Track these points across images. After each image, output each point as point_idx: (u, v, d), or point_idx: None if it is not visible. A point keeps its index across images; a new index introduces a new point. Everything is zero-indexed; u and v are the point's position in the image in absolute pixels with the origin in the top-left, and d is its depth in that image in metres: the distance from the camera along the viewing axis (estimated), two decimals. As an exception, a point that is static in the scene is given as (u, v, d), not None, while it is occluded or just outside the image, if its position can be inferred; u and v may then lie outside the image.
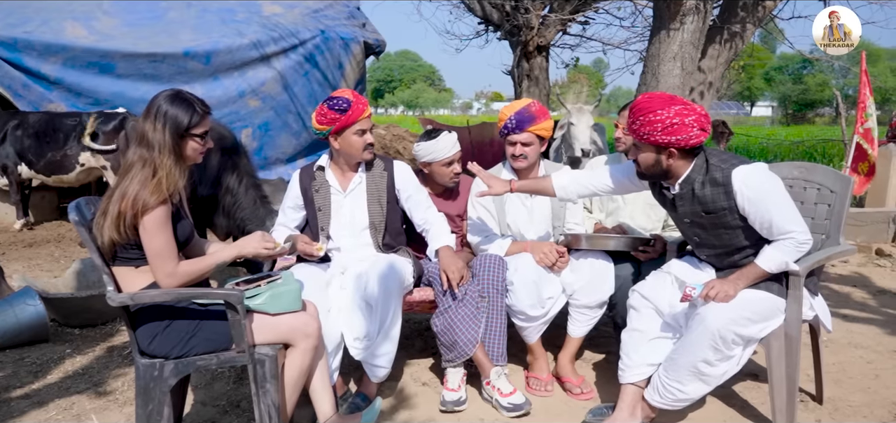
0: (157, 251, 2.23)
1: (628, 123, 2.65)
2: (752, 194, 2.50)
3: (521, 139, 3.24)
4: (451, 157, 3.32)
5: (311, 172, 3.16)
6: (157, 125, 2.25)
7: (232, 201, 4.40)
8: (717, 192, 2.56)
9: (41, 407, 2.99)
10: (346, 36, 8.82)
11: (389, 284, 2.86)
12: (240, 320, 2.28)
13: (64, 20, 7.67)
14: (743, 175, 2.51)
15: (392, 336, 2.90)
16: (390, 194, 3.14)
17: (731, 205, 2.55)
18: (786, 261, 2.55)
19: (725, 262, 2.74)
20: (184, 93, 2.35)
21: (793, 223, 2.52)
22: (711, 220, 2.63)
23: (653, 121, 2.51)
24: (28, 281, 4.08)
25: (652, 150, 2.59)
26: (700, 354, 2.55)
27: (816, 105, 50.43)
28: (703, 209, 2.62)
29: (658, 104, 2.53)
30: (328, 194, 3.11)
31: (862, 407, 3.06)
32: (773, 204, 2.51)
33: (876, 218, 6.80)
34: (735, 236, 2.64)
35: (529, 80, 9.14)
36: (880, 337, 4.02)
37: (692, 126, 2.49)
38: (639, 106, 2.59)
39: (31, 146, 6.72)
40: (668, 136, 2.50)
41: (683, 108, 2.52)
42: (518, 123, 3.22)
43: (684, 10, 4.82)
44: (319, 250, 2.91)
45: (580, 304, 3.15)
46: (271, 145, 8.49)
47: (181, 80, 7.72)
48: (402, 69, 78.26)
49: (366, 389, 2.98)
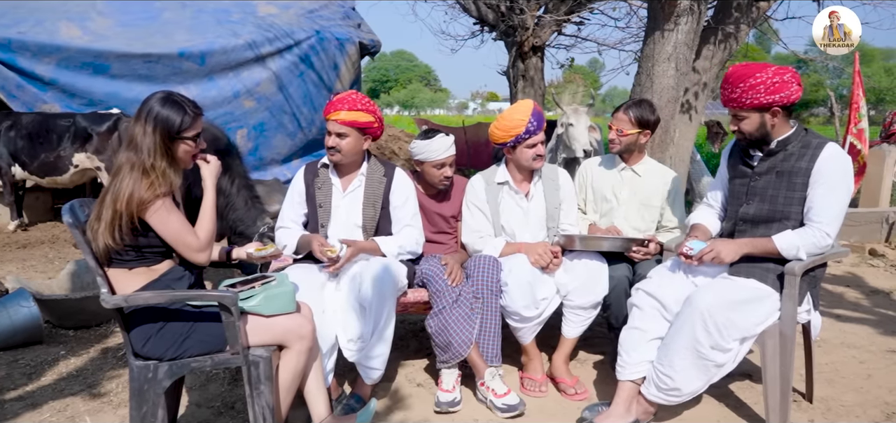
0: (176, 234, 2.27)
1: (726, 96, 2.73)
2: (829, 170, 2.61)
3: (541, 138, 3.26)
4: (443, 159, 3.30)
5: (316, 168, 3.21)
6: (147, 128, 2.26)
7: (224, 203, 4.40)
8: (805, 153, 2.67)
9: (35, 409, 2.98)
10: (342, 36, 8.81)
11: (384, 286, 2.86)
12: (234, 322, 2.28)
13: (58, 20, 7.64)
14: (834, 151, 2.65)
15: (386, 338, 2.91)
16: (386, 200, 3.16)
17: (809, 167, 2.64)
18: (799, 246, 2.62)
19: (757, 232, 2.78)
20: (175, 95, 2.35)
21: (830, 218, 2.63)
22: (781, 180, 2.71)
23: (755, 85, 2.62)
24: (22, 282, 4.07)
25: (756, 113, 2.68)
26: (691, 334, 2.58)
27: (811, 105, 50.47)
28: (783, 167, 2.71)
29: (756, 69, 2.66)
30: (330, 193, 3.15)
31: (854, 407, 3.08)
32: (834, 191, 2.62)
33: (869, 218, 6.83)
34: (789, 204, 2.71)
35: (525, 80, 9.14)
36: (873, 337, 4.04)
37: (791, 82, 2.62)
38: (736, 75, 2.68)
39: (24, 147, 6.69)
40: (773, 94, 2.61)
41: (779, 68, 2.65)
42: (538, 123, 3.22)
43: (678, 11, 4.83)
44: (333, 251, 2.89)
45: (574, 305, 3.15)
46: (266, 146, 8.47)
47: (176, 80, 7.70)
48: (398, 69, 78.15)
49: (360, 390, 2.99)
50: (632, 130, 3.37)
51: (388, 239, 3.11)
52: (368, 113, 3.05)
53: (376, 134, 3.16)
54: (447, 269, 3.08)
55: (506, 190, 3.38)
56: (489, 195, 3.37)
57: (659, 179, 3.49)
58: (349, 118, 3.01)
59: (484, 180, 3.42)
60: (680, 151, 5.50)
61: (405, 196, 3.20)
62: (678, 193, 3.49)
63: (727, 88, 2.71)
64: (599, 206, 3.57)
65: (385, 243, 3.08)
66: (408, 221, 3.18)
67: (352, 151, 3.08)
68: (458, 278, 3.07)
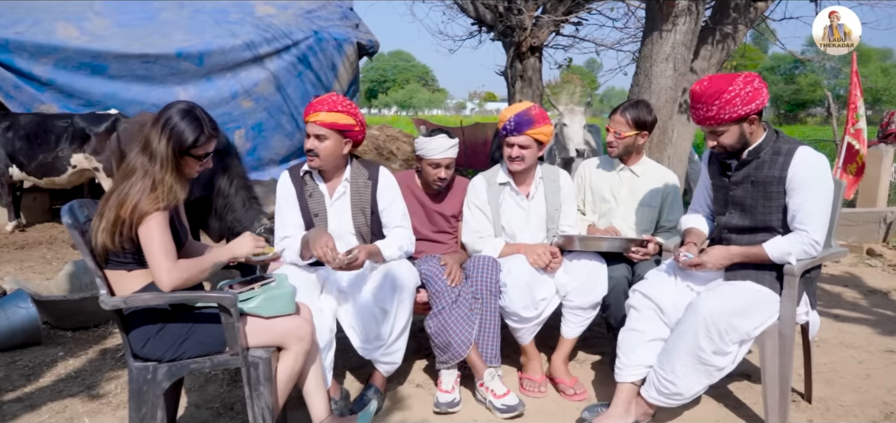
0: (156, 252, 2.22)
1: (702, 114, 2.69)
2: (804, 174, 2.60)
3: (519, 142, 3.22)
4: (438, 159, 3.27)
5: (299, 175, 3.09)
6: (162, 137, 2.24)
7: (223, 203, 4.39)
8: (776, 161, 2.66)
9: (34, 411, 2.98)
10: (340, 37, 8.81)
11: (403, 291, 2.92)
12: (233, 324, 2.28)
13: (55, 21, 7.63)
14: (805, 154, 2.63)
15: (405, 333, 3.00)
16: (374, 204, 3.11)
17: (783, 175, 2.63)
18: (789, 252, 2.61)
19: (744, 240, 2.78)
20: (197, 110, 2.33)
21: (816, 223, 2.61)
22: (757, 189, 2.71)
23: (731, 98, 2.60)
24: (20, 283, 4.06)
25: (735, 125, 2.66)
26: (693, 341, 2.58)
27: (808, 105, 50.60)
28: (757, 176, 2.70)
29: (725, 82, 2.63)
30: (322, 201, 3.07)
31: (853, 407, 3.08)
32: (814, 195, 2.60)
33: (867, 218, 6.84)
34: (768, 213, 2.71)
35: (523, 80, 9.14)
36: (871, 337, 4.05)
37: (761, 89, 2.63)
38: (707, 93, 2.64)
39: (22, 148, 6.69)
40: (749, 104, 2.60)
41: (746, 77, 2.64)
42: (517, 125, 3.19)
43: (676, 11, 4.84)
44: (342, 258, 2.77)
45: (574, 305, 3.16)
46: (264, 146, 8.47)
47: (174, 81, 7.71)
48: (396, 69, 78.12)
49: (376, 381, 3.06)
50: (629, 131, 3.37)
51: (387, 243, 3.07)
52: (349, 115, 2.94)
53: (357, 138, 3.04)
54: (446, 269, 3.08)
55: (507, 191, 3.38)
56: (490, 196, 3.37)
57: (657, 180, 3.49)
58: (329, 120, 2.90)
59: (485, 181, 3.41)
60: (678, 151, 5.51)
61: (392, 196, 3.15)
62: (676, 194, 3.50)
63: (701, 107, 2.67)
64: (598, 206, 3.58)
65: (386, 247, 3.03)
66: (398, 222, 3.14)
67: (331, 154, 2.96)
68: (458, 278, 3.07)
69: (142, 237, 2.21)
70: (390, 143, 13.65)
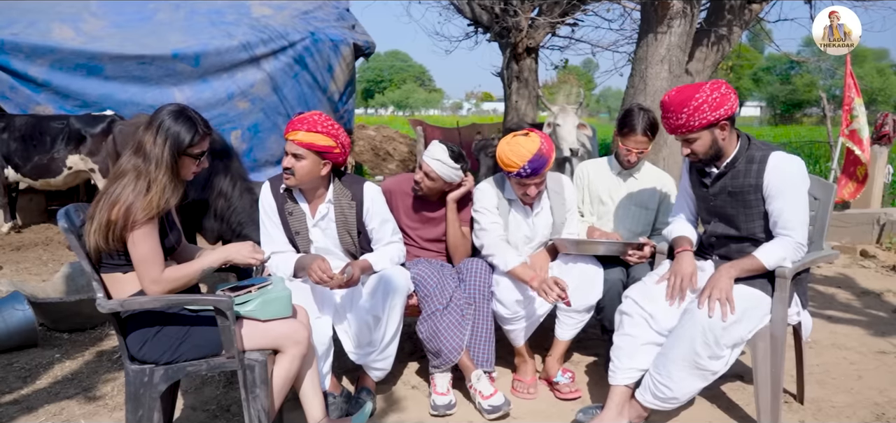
0: (142, 258, 2.23)
1: (672, 124, 2.72)
2: (779, 181, 2.65)
3: (535, 182, 3.10)
4: (427, 167, 3.19)
5: (280, 192, 2.99)
6: (157, 140, 2.25)
7: (226, 205, 4.35)
8: (750, 169, 2.70)
9: (30, 413, 2.98)
10: (336, 38, 8.81)
11: (394, 297, 2.89)
12: (230, 327, 2.29)
13: (51, 22, 7.62)
14: (779, 159, 2.68)
15: (396, 340, 2.99)
16: (360, 224, 3.05)
17: (759, 184, 2.67)
18: (784, 257, 2.65)
19: (732, 249, 2.82)
20: (188, 110, 2.35)
21: (798, 225, 2.66)
22: (736, 199, 2.75)
23: (699, 105, 2.63)
24: (16, 285, 4.06)
25: (706, 130, 2.69)
26: (690, 347, 2.61)
27: (804, 105, 50.78)
28: (733, 186, 2.74)
29: (692, 90, 2.67)
30: (303, 219, 2.99)
31: (845, 408, 3.11)
32: (792, 199, 2.65)
33: (860, 219, 6.87)
34: (750, 221, 2.75)
35: (519, 81, 9.17)
36: (864, 338, 4.08)
37: (729, 94, 2.65)
38: (675, 102, 2.67)
39: (17, 149, 6.68)
40: (718, 110, 2.63)
41: (713, 84, 2.67)
42: (534, 170, 3.03)
43: (671, 13, 4.87)
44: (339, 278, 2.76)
45: (568, 308, 3.16)
46: (260, 147, 8.46)
47: (170, 82, 7.70)
48: (392, 70, 78.05)
49: (366, 383, 3.07)
50: (648, 144, 3.42)
51: (379, 257, 3.01)
52: (329, 136, 2.80)
53: (338, 160, 2.91)
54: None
55: (514, 207, 3.30)
56: (500, 207, 3.28)
57: (654, 182, 3.52)
58: (306, 140, 2.78)
59: (494, 192, 3.31)
60: (673, 153, 5.53)
61: (380, 217, 3.05)
62: (673, 196, 3.51)
63: (671, 117, 2.70)
64: (595, 208, 3.59)
65: (378, 261, 2.98)
66: (389, 238, 3.09)
67: (307, 175, 2.84)
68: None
69: (129, 245, 2.22)
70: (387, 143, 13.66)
